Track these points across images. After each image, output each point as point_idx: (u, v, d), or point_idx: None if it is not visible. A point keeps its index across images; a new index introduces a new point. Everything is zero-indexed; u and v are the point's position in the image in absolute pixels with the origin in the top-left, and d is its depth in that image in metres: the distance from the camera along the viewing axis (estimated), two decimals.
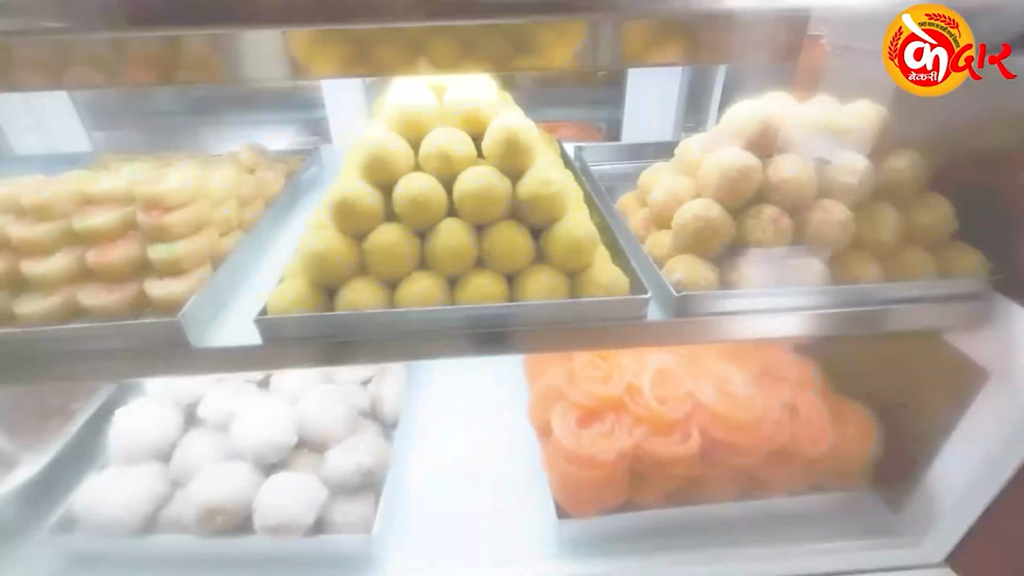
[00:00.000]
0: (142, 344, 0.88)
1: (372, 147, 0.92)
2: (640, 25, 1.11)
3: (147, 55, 1.10)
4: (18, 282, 0.94)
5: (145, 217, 0.95)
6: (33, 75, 1.09)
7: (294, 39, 1.05)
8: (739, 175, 0.94)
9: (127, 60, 1.07)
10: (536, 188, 0.92)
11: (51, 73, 1.07)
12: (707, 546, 1.23)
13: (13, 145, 1.99)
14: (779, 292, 0.92)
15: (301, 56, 1.07)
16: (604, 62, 1.11)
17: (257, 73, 1.12)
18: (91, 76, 1.07)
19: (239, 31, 1.03)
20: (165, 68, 1.08)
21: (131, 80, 1.06)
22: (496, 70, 1.10)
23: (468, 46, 1.03)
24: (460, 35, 1.02)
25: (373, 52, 1.06)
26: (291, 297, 0.90)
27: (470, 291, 0.91)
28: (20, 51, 1.08)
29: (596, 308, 0.91)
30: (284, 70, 1.08)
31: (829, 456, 1.18)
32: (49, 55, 1.10)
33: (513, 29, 1.04)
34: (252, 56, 1.10)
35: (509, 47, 1.05)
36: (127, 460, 1.25)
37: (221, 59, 1.10)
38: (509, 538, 1.26)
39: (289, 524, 1.12)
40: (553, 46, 1.07)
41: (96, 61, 1.09)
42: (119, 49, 1.09)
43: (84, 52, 1.10)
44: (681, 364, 1.27)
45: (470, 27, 1.02)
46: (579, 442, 1.14)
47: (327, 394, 1.38)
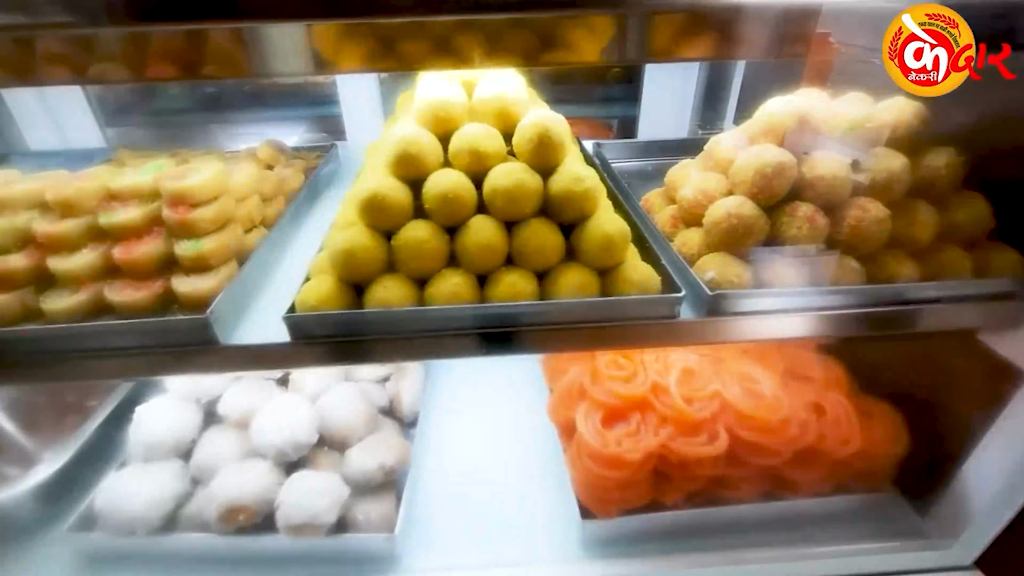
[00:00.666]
0: (170, 341, 0.88)
1: (402, 143, 0.91)
2: (666, 19, 1.10)
3: (167, 50, 1.08)
4: (44, 278, 0.93)
5: (171, 213, 0.94)
6: (55, 70, 1.08)
7: (316, 33, 1.04)
8: (774, 172, 0.92)
9: (150, 55, 1.06)
10: (568, 184, 0.91)
11: (72, 68, 1.05)
12: (731, 547, 1.22)
13: (28, 141, 1.99)
14: (814, 291, 0.91)
15: (324, 51, 1.06)
16: (628, 57, 1.09)
17: (280, 68, 1.11)
18: (113, 71, 1.06)
19: (261, 25, 1.02)
20: (187, 63, 1.07)
21: (154, 75, 1.05)
22: (519, 65, 1.09)
23: (492, 41, 1.01)
24: (483, 29, 1.00)
25: (396, 47, 1.04)
26: (320, 294, 0.88)
27: (502, 288, 0.90)
28: (43, 45, 1.07)
29: (629, 307, 0.90)
30: (306, 65, 1.07)
31: (856, 457, 1.16)
32: (69, 50, 1.09)
33: (535, 24, 1.02)
34: (274, 51, 1.09)
35: (532, 42, 1.04)
36: (147, 457, 1.25)
37: (242, 54, 1.08)
38: (531, 538, 1.25)
39: (312, 523, 1.12)
40: (574, 41, 1.06)
41: (118, 56, 1.08)
42: (141, 44, 1.08)
43: (104, 47, 1.09)
44: (705, 363, 1.26)
45: (493, 21, 1.01)
46: (604, 441, 1.13)
47: (347, 392, 1.37)
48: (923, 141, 0.97)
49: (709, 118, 2.21)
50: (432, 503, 1.32)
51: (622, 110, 2.53)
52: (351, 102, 2.07)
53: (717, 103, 2.19)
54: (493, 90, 0.97)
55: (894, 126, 0.97)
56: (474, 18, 0.94)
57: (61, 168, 1.11)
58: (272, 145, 1.47)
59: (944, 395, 1.20)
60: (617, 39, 1.08)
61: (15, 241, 0.94)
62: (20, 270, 0.91)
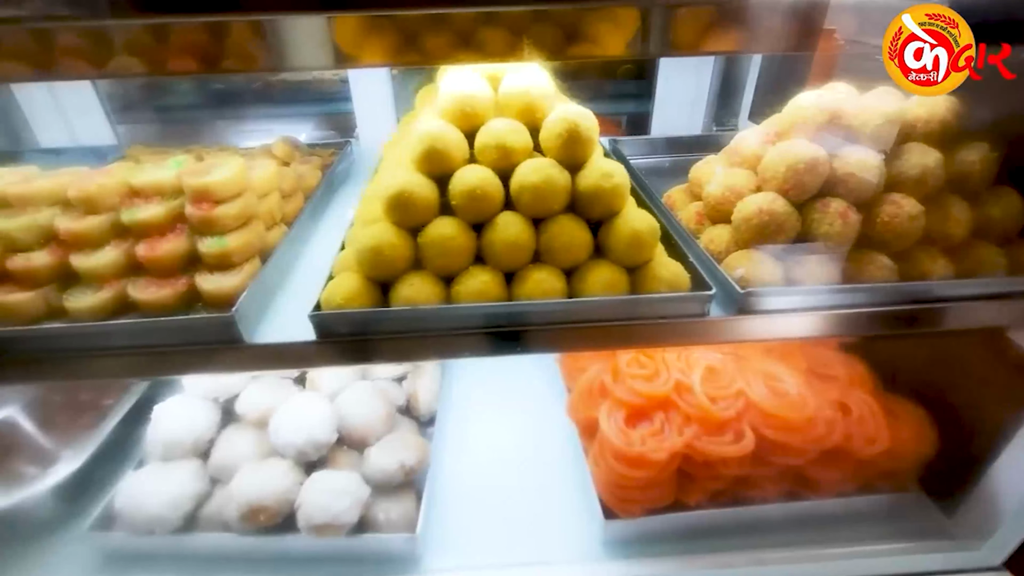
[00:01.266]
0: (195, 340, 0.87)
1: (429, 138, 0.90)
2: (690, 12, 1.08)
3: (187, 43, 1.07)
4: (66, 276, 0.92)
5: (195, 210, 0.93)
6: (69, 64, 1.07)
7: (332, 26, 1.03)
8: (807, 168, 0.91)
9: (169, 49, 1.04)
10: (597, 180, 0.89)
11: (84, 62, 1.04)
12: (754, 547, 1.20)
13: (39, 138, 1.98)
14: (847, 289, 0.90)
15: (342, 44, 1.04)
16: (650, 51, 1.08)
17: (299, 62, 1.10)
18: (132, 66, 1.05)
19: (282, 17, 1.01)
20: (202, 57, 1.05)
21: (174, 69, 1.03)
22: (539, 60, 1.07)
23: (512, 34, 1.00)
24: (501, 22, 0.99)
25: (417, 40, 1.03)
26: (346, 292, 0.87)
27: (530, 286, 0.88)
28: (53, 39, 1.06)
29: (659, 305, 0.89)
30: (323, 59, 1.06)
31: (883, 456, 1.15)
32: (81, 44, 1.08)
33: (555, 16, 1.01)
34: (295, 44, 1.07)
35: (553, 36, 1.02)
36: (166, 457, 1.24)
37: (256, 48, 1.07)
38: (553, 538, 1.24)
39: (334, 523, 1.11)
40: (595, 34, 1.04)
41: (135, 50, 1.07)
42: (160, 37, 1.07)
43: (121, 40, 1.07)
44: (728, 361, 1.25)
45: (510, 13, 0.99)
46: (628, 440, 1.11)
47: (365, 390, 1.36)
48: (956, 135, 0.96)
49: (723, 114, 2.19)
50: (451, 502, 1.32)
51: (633, 106, 2.51)
52: (363, 99, 2.05)
53: (731, 99, 2.17)
54: (519, 84, 0.96)
55: (927, 120, 0.95)
56: (492, 10, 0.93)
57: (74, 165, 1.11)
58: (287, 142, 1.46)
59: (970, 394, 1.18)
60: (639, 33, 1.07)
61: (37, 238, 0.93)
62: (43, 267, 0.90)
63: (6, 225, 0.90)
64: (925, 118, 0.95)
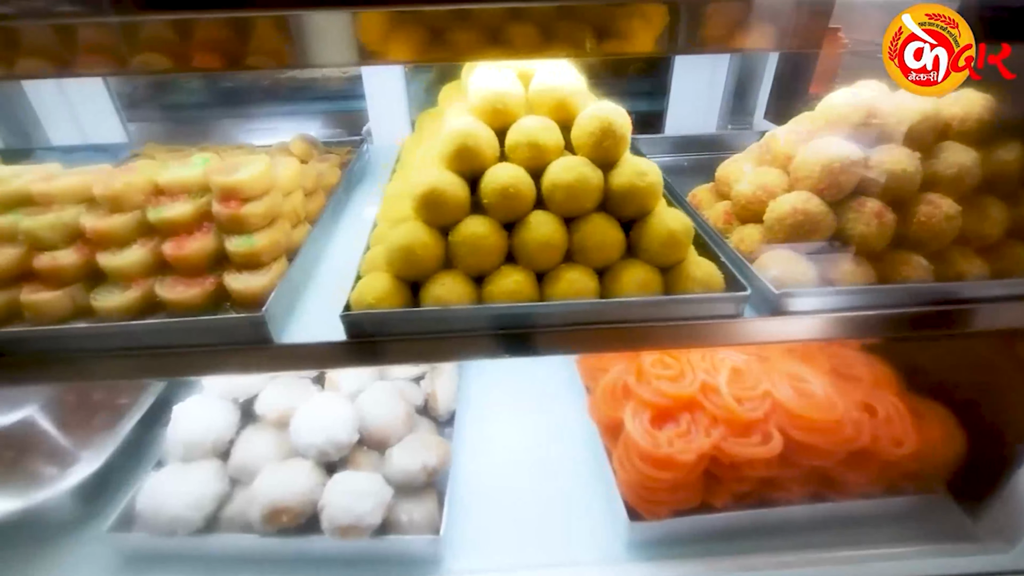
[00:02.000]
0: (224, 340, 0.86)
1: (461, 136, 0.88)
2: (718, 7, 1.07)
3: (212, 40, 1.06)
4: (92, 274, 0.91)
5: (222, 208, 0.92)
6: (96, 60, 1.05)
7: (352, 22, 1.01)
8: (843, 167, 0.90)
9: (195, 45, 1.03)
10: (631, 179, 0.88)
11: (109, 60, 1.03)
12: (779, 550, 1.19)
13: (50, 135, 1.97)
14: (884, 290, 0.89)
15: (365, 40, 1.03)
16: (677, 47, 1.06)
17: (323, 59, 1.08)
18: (154, 62, 1.03)
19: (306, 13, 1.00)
20: (232, 53, 1.04)
21: (201, 65, 1.02)
22: (563, 56, 1.06)
23: (535, 31, 0.98)
24: (523, 18, 0.97)
25: (443, 36, 1.01)
26: (377, 292, 0.86)
27: (562, 286, 0.87)
28: (76, 34, 1.05)
29: (694, 306, 0.88)
30: (350, 55, 1.04)
31: (910, 458, 1.14)
32: (105, 41, 1.07)
33: (581, 12, 0.99)
34: (319, 40, 1.06)
35: (577, 32, 1.01)
36: (186, 457, 1.23)
37: (286, 43, 1.06)
38: (576, 539, 1.23)
39: (358, 524, 1.10)
40: (621, 31, 1.03)
41: (156, 46, 1.05)
42: (185, 33, 1.05)
43: (148, 37, 1.06)
44: (752, 362, 1.24)
45: (542, 9, 0.98)
46: (655, 442, 1.10)
47: (385, 390, 1.35)
48: (992, 134, 0.95)
49: (738, 113, 2.18)
50: (471, 503, 1.30)
51: (646, 104, 2.50)
52: (377, 96, 2.04)
53: (746, 97, 2.15)
54: (550, 81, 0.94)
55: (962, 119, 0.94)
56: (506, 7, 0.91)
57: (88, 162, 1.09)
58: (305, 139, 1.45)
59: (997, 394, 1.17)
60: (666, 28, 1.05)
61: (63, 237, 0.91)
62: (69, 266, 0.89)
63: (32, 224, 0.89)
64: (961, 116, 0.94)
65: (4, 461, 1.22)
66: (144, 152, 1.51)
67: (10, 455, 1.24)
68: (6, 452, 1.23)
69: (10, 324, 0.88)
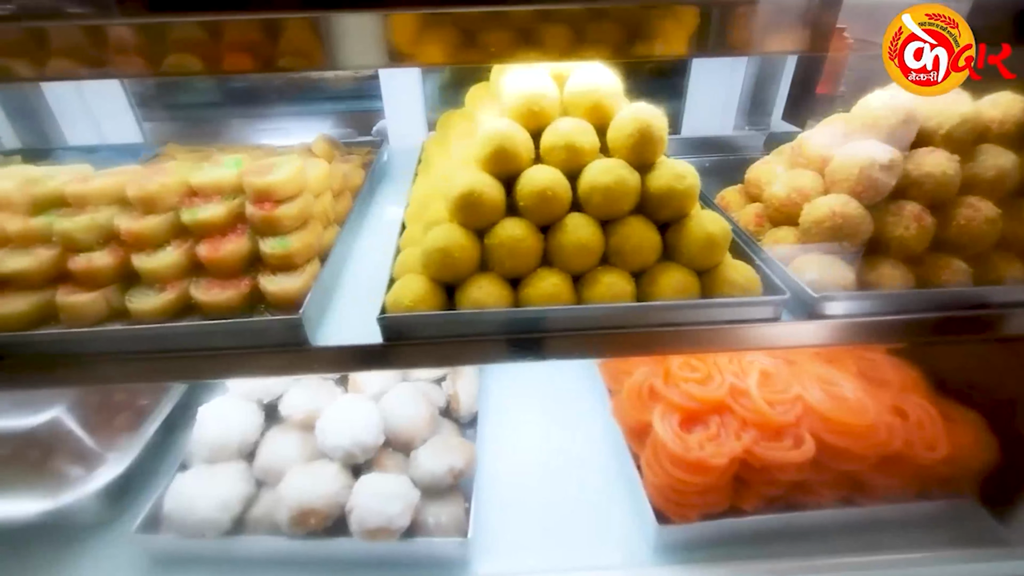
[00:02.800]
0: (261, 342, 0.85)
1: (497, 137, 0.88)
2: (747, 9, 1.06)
3: (244, 40, 1.06)
4: (126, 276, 0.91)
5: (256, 210, 0.91)
6: (128, 62, 1.05)
7: (391, 23, 1.01)
8: (882, 169, 0.89)
9: (227, 46, 1.03)
10: (670, 181, 0.88)
11: (149, 60, 1.02)
12: (807, 554, 1.19)
13: (67, 135, 1.97)
14: (925, 293, 0.88)
15: (397, 43, 1.03)
16: (708, 50, 1.06)
17: (353, 60, 1.08)
18: (189, 64, 1.03)
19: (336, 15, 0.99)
20: (264, 55, 1.04)
21: (232, 67, 1.02)
22: (595, 58, 1.05)
23: (572, 32, 0.98)
24: (561, 20, 0.97)
25: (475, 38, 1.01)
26: (415, 294, 0.86)
27: (600, 289, 0.87)
28: (114, 34, 1.05)
29: (733, 309, 0.87)
30: (378, 57, 1.04)
31: (942, 463, 1.13)
32: (137, 42, 1.06)
33: (615, 14, 0.99)
34: (347, 41, 1.06)
35: (609, 33, 1.00)
36: (212, 459, 1.23)
37: (317, 44, 1.05)
38: (602, 541, 1.23)
39: (387, 527, 1.09)
40: (656, 32, 1.02)
41: (190, 48, 1.05)
42: (214, 34, 1.05)
43: (175, 38, 1.06)
44: (781, 366, 1.23)
45: (569, 11, 0.97)
46: (686, 446, 1.10)
47: (409, 392, 1.34)
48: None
49: (755, 114, 2.17)
50: (497, 506, 1.30)
51: (661, 106, 2.49)
52: (393, 97, 2.03)
53: (764, 99, 2.14)
54: (586, 83, 0.94)
55: (1001, 121, 0.94)
56: (531, 9, 0.90)
57: (109, 162, 1.09)
58: (327, 140, 1.44)
59: None
60: (697, 30, 1.05)
61: (97, 238, 0.91)
62: (104, 268, 0.89)
63: (68, 225, 0.89)
64: (1000, 119, 0.94)
65: (31, 461, 1.22)
66: (165, 152, 1.51)
67: (37, 455, 1.23)
68: (33, 452, 1.23)
69: (45, 326, 0.88)
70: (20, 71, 0.87)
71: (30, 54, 0.90)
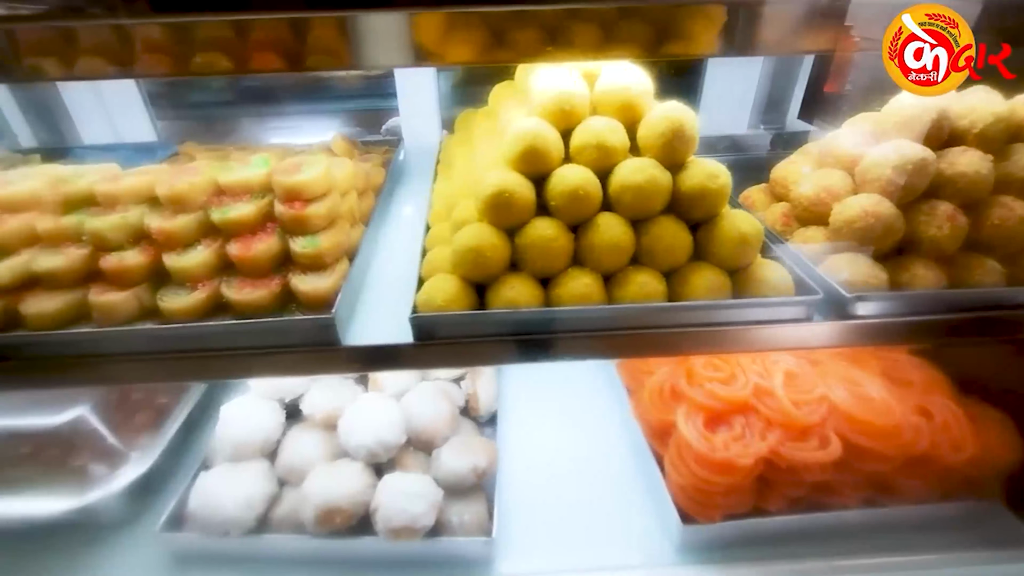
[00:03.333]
0: (292, 341, 0.85)
1: (529, 137, 0.88)
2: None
3: (271, 40, 1.05)
4: (157, 275, 0.91)
5: (286, 209, 0.91)
6: (151, 61, 1.05)
7: (418, 23, 1.00)
8: (916, 169, 0.89)
9: (253, 45, 1.03)
10: (703, 181, 0.87)
11: (177, 60, 1.02)
12: (831, 555, 1.18)
13: (81, 133, 1.97)
14: (960, 294, 0.87)
15: (424, 42, 1.02)
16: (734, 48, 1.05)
17: (377, 60, 1.08)
18: (217, 63, 1.03)
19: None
20: (291, 54, 1.04)
21: (260, 66, 1.01)
22: (615, 58, 1.05)
23: (600, 31, 0.97)
24: (587, 19, 0.96)
25: (503, 37, 1.00)
26: (447, 294, 0.86)
27: (632, 289, 0.87)
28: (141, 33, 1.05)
29: (766, 309, 0.87)
30: (406, 57, 1.04)
31: (968, 464, 1.13)
32: (166, 42, 1.06)
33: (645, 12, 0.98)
34: (371, 41, 1.05)
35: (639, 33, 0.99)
36: (235, 457, 1.23)
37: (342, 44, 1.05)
38: (624, 541, 1.22)
39: (412, 526, 1.09)
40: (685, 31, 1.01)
41: (221, 47, 1.05)
42: (243, 32, 1.05)
43: (204, 37, 1.06)
44: (805, 366, 1.23)
45: (596, 10, 0.97)
46: (712, 446, 1.10)
47: (429, 391, 1.34)
48: None
49: (770, 113, 2.16)
50: (518, 505, 1.30)
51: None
52: (408, 96, 2.03)
53: (780, 98, 2.14)
54: (617, 82, 0.93)
55: None
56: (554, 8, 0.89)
57: (128, 161, 1.10)
58: (346, 139, 1.44)
59: None
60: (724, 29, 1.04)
61: (128, 237, 0.91)
62: (135, 267, 0.89)
63: (99, 224, 0.89)
64: None
65: (53, 460, 1.22)
66: (184, 151, 1.51)
67: (58, 454, 1.24)
68: (54, 451, 1.24)
69: (76, 325, 0.88)
70: (48, 70, 0.87)
71: (56, 53, 0.90)
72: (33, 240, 0.92)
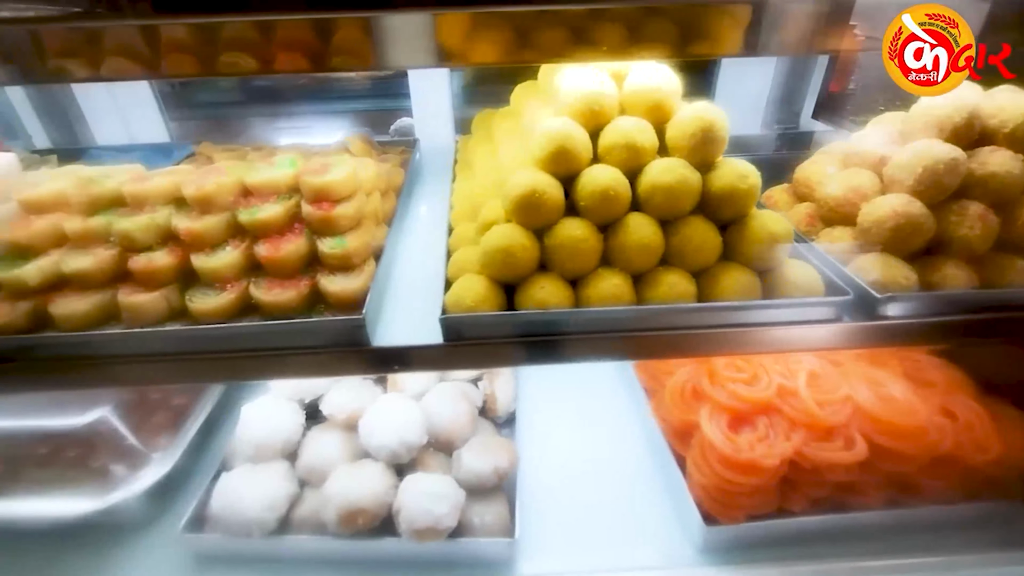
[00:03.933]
0: (322, 342, 0.85)
1: (558, 137, 0.87)
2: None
3: (295, 40, 1.05)
4: (185, 276, 0.91)
5: (314, 209, 0.91)
6: (182, 62, 1.05)
7: (441, 23, 1.00)
8: (947, 169, 0.88)
9: (280, 45, 1.02)
10: (733, 181, 0.87)
11: (203, 60, 1.02)
12: (855, 555, 1.18)
13: (95, 134, 1.97)
14: (992, 294, 0.87)
15: (447, 42, 1.02)
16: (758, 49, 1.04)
17: (400, 61, 1.08)
18: (246, 63, 1.03)
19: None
20: (314, 54, 1.03)
21: (287, 67, 1.01)
22: (636, 58, 1.04)
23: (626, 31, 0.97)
24: (610, 19, 0.96)
25: (528, 37, 1.00)
26: (476, 295, 0.86)
27: (663, 289, 0.86)
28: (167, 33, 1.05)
29: (796, 310, 0.86)
30: (428, 57, 1.03)
31: (993, 464, 1.12)
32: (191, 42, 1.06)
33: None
34: (393, 42, 1.05)
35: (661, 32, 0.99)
36: (256, 458, 1.23)
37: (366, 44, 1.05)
38: (647, 542, 1.22)
39: (435, 527, 1.09)
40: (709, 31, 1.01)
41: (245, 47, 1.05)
42: (268, 33, 1.05)
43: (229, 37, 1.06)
44: (827, 366, 1.22)
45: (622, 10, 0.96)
46: (736, 447, 1.09)
47: (449, 392, 1.34)
48: None
49: (784, 112, 2.15)
50: (539, 506, 1.29)
51: None
52: (422, 97, 2.02)
53: (794, 97, 2.13)
54: (646, 81, 0.93)
55: None
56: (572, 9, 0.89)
57: (145, 162, 1.10)
58: (363, 139, 1.44)
59: None
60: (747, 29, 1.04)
61: (156, 238, 0.91)
62: (164, 267, 0.89)
63: (128, 225, 0.89)
64: None
65: (74, 461, 1.22)
66: (200, 151, 1.51)
67: (78, 454, 1.24)
68: (75, 451, 1.24)
69: (104, 326, 0.88)
70: (66, 72, 0.87)
71: (72, 55, 0.90)
72: (61, 241, 0.92)
